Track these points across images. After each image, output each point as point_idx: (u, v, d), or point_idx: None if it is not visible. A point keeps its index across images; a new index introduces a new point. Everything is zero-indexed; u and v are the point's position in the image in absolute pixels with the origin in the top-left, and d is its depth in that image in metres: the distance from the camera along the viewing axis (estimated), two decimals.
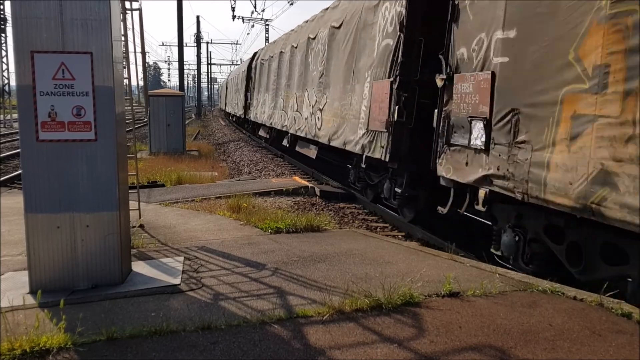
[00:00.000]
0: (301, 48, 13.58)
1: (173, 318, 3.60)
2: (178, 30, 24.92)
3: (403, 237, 7.71)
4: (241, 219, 7.26)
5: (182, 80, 26.54)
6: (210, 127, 39.19)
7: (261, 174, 14.30)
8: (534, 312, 3.74)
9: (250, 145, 23.25)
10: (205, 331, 3.39)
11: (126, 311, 3.79)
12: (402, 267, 4.92)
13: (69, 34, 4.15)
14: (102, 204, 4.36)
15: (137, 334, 3.33)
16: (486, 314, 3.70)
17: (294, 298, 4.04)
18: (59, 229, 4.28)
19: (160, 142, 17.30)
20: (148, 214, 7.40)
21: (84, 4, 4.14)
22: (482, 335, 3.34)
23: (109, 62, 4.26)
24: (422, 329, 3.42)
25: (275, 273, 4.73)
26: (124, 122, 4.85)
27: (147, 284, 4.47)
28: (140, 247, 5.62)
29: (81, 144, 4.27)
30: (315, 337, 3.32)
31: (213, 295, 4.13)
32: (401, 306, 3.81)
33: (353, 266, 4.97)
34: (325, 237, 6.36)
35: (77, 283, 4.35)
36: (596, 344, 3.22)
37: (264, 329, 3.44)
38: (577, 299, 4.03)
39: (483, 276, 4.60)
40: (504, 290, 4.20)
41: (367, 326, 3.48)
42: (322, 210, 9.21)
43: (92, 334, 3.29)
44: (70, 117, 4.23)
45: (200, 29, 46.41)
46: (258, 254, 5.41)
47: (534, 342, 3.25)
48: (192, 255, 5.35)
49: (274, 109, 16.93)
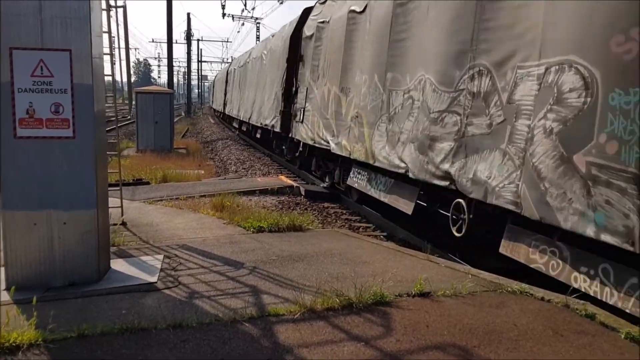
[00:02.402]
0: (251, 63, 20.48)
1: (146, 316, 3.64)
2: (167, 27, 24.87)
3: (385, 237, 7.79)
4: (225, 217, 7.29)
5: (170, 78, 26.47)
6: (199, 124, 39.13)
7: (248, 173, 14.34)
8: (501, 312, 3.82)
9: (238, 143, 23.26)
10: (176, 329, 3.44)
11: (100, 308, 3.82)
12: (378, 267, 4.99)
13: (48, 31, 4.16)
14: (80, 201, 4.38)
15: (109, 331, 3.36)
16: (454, 313, 3.78)
17: (267, 297, 4.10)
18: (36, 226, 4.29)
19: (148, 139, 17.27)
20: (131, 212, 7.41)
21: (64, 2, 4.15)
22: (448, 334, 3.42)
23: (88, 60, 4.28)
24: (390, 328, 3.49)
25: (253, 272, 4.78)
26: (104, 120, 4.87)
27: (124, 281, 4.50)
28: (120, 245, 5.64)
29: (59, 142, 4.28)
30: (285, 335, 3.38)
31: (188, 293, 4.17)
32: (372, 305, 3.88)
33: (330, 266, 5.03)
34: (307, 236, 6.42)
35: (53, 280, 4.36)
36: (558, 344, 3.31)
37: (235, 327, 3.49)
38: (544, 300, 4.12)
39: (456, 276, 4.68)
40: (474, 291, 4.29)
41: (337, 325, 3.54)
42: (306, 210, 9.27)
43: (64, 331, 3.33)
44: (48, 114, 4.24)
45: (190, 26, 46.28)
46: (238, 252, 5.46)
47: (498, 341, 3.33)
48: (172, 253, 5.38)
49: (239, 105, 23.50)
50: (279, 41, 14.72)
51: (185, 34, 47.73)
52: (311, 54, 11.37)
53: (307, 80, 11.52)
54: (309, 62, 11.52)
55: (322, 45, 10.68)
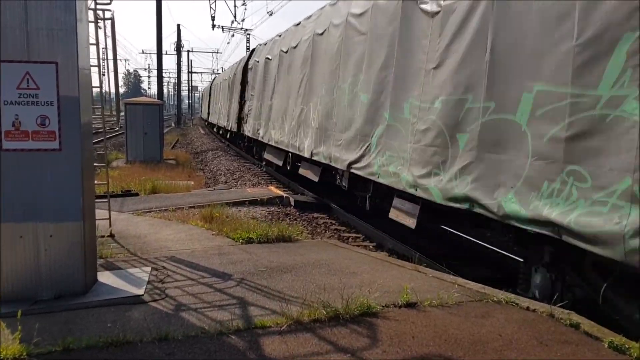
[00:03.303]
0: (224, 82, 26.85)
1: (131, 329, 3.63)
2: (157, 38, 24.89)
3: (374, 248, 7.81)
4: (213, 228, 7.28)
5: (160, 89, 26.45)
6: (189, 135, 39.06)
7: (237, 183, 14.32)
8: (486, 322, 3.84)
9: (228, 154, 23.25)
10: (162, 342, 3.42)
11: (86, 322, 3.80)
12: (366, 278, 5.00)
13: (34, 43, 4.17)
14: (66, 213, 4.37)
15: (94, 344, 3.35)
16: (440, 324, 3.79)
17: (255, 309, 4.10)
18: (22, 239, 4.27)
19: (137, 150, 17.21)
20: (119, 224, 7.38)
21: (50, 14, 4.17)
22: (434, 345, 3.44)
23: (75, 72, 4.29)
24: (376, 339, 3.50)
25: (241, 284, 4.78)
26: (91, 132, 4.87)
27: (110, 294, 4.48)
28: (108, 257, 5.61)
29: (45, 154, 4.28)
30: (271, 347, 3.38)
31: (175, 305, 4.16)
32: (359, 316, 3.88)
33: (318, 276, 5.03)
34: (296, 247, 6.42)
35: (40, 293, 4.33)
36: (542, 354, 3.33)
37: (221, 339, 3.49)
38: (529, 310, 4.15)
39: (443, 286, 4.70)
40: (461, 301, 4.31)
41: (323, 336, 3.55)
42: (296, 221, 9.27)
43: (49, 345, 3.31)
44: (34, 126, 4.24)
45: (180, 38, 46.32)
46: (226, 264, 5.45)
47: (483, 352, 3.35)
48: (160, 265, 5.36)
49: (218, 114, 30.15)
50: (237, 69, 21.55)
51: (176, 45, 47.76)
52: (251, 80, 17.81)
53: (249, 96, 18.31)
54: (250, 85, 18.12)
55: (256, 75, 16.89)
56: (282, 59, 13.25)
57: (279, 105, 13.23)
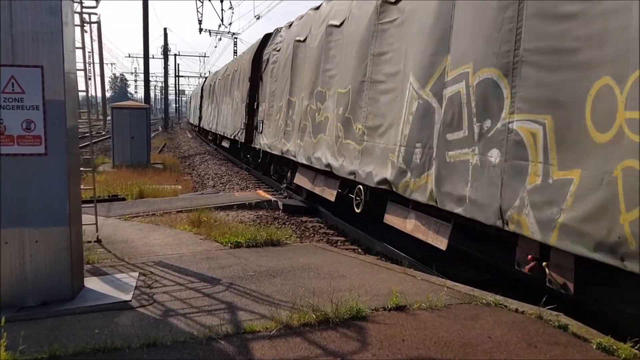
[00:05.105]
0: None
1: (119, 335, 3.58)
2: (144, 42, 24.76)
3: (363, 251, 7.81)
4: (202, 233, 7.24)
5: (147, 93, 26.31)
6: (176, 139, 38.85)
7: (225, 188, 14.26)
8: (476, 324, 3.86)
9: (216, 158, 23.16)
10: (150, 348, 3.39)
11: (73, 328, 3.75)
12: (355, 281, 5.00)
13: (19, 47, 4.13)
14: (52, 219, 4.32)
15: (81, 351, 3.30)
16: (430, 327, 3.80)
17: (244, 313, 4.07)
18: (7, 245, 4.22)
19: (124, 154, 17.08)
20: (106, 229, 7.31)
21: (35, 18, 4.13)
22: (423, 348, 3.44)
23: (60, 76, 4.25)
24: (366, 343, 3.50)
25: (229, 288, 4.75)
26: (77, 136, 4.82)
27: (97, 300, 4.43)
28: (95, 263, 5.55)
29: (31, 159, 4.23)
30: (261, 352, 3.36)
31: (163, 311, 4.12)
32: (348, 320, 3.88)
33: (307, 280, 5.02)
34: (285, 251, 6.40)
35: (26, 299, 4.27)
36: (531, 355, 3.35)
37: (210, 345, 3.46)
38: (518, 312, 4.18)
39: (432, 289, 4.72)
40: (450, 303, 4.32)
41: (313, 340, 3.53)
42: (284, 224, 9.25)
43: (35, 352, 3.26)
44: (19, 130, 4.19)
45: (167, 41, 46.18)
46: (215, 268, 5.42)
47: (472, 354, 3.36)
48: (147, 270, 5.31)
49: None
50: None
51: (162, 48, 47.59)
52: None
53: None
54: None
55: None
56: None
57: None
